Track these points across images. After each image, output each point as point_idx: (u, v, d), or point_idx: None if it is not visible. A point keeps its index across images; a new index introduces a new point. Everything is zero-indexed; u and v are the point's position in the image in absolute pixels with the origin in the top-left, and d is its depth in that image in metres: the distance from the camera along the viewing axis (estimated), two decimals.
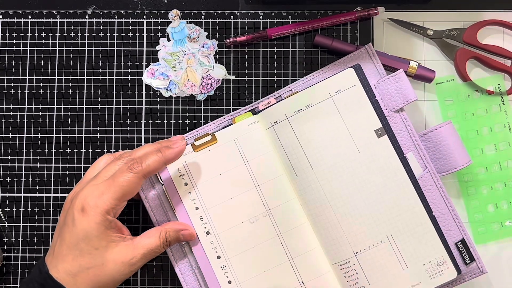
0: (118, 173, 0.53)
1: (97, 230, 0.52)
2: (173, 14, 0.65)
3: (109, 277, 0.53)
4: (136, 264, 0.54)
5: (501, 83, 0.65)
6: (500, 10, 0.65)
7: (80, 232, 0.52)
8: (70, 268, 0.52)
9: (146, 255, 0.54)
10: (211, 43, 0.65)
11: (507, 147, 0.64)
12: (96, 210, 0.52)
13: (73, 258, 0.52)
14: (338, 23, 0.65)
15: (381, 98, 0.60)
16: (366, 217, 0.58)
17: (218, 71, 0.65)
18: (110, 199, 0.52)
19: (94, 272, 0.52)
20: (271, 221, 0.59)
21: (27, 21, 0.65)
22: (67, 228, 0.53)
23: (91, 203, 0.52)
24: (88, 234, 0.52)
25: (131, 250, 0.54)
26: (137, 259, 0.54)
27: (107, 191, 0.53)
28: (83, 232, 0.52)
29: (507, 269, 0.64)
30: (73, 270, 0.52)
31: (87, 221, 0.52)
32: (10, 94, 0.65)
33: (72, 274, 0.52)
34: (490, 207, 0.64)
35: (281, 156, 0.60)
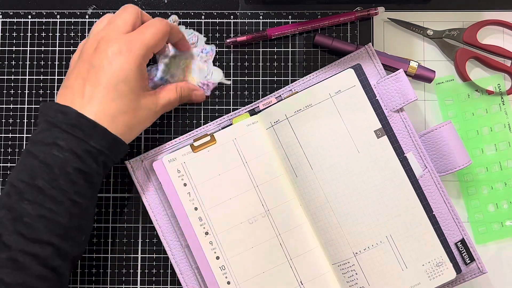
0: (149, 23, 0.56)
1: (136, 72, 0.53)
2: (172, 19, 0.65)
3: (140, 122, 0.56)
4: (158, 113, 0.58)
5: (501, 83, 0.65)
6: (500, 10, 0.65)
7: (120, 73, 0.53)
8: (108, 110, 0.53)
9: (166, 106, 0.59)
10: (210, 48, 0.65)
11: (507, 147, 0.64)
12: (134, 53, 0.53)
13: (112, 100, 0.53)
14: (338, 23, 0.65)
15: (381, 98, 0.60)
16: (365, 218, 0.58)
17: (216, 75, 0.65)
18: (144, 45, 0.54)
19: (129, 115, 0.54)
20: (270, 222, 0.59)
21: (27, 21, 0.65)
22: (101, 71, 0.53)
23: (128, 46, 0.53)
24: (128, 75, 0.53)
25: (155, 99, 0.57)
26: (159, 107, 0.58)
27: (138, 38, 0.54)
28: (124, 72, 0.53)
29: (507, 269, 0.64)
30: (112, 112, 0.53)
31: (127, 62, 0.53)
32: (10, 94, 0.65)
33: (111, 116, 0.53)
34: (490, 207, 0.64)
35: (280, 156, 0.60)
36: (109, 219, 0.64)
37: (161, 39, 0.56)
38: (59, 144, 0.51)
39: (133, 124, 0.55)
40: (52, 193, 0.50)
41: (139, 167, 0.62)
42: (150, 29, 0.55)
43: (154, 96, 0.57)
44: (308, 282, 0.59)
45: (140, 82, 0.54)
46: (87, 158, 0.52)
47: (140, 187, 0.62)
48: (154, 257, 0.64)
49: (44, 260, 0.50)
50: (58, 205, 0.51)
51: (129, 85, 0.53)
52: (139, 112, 0.55)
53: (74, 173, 0.51)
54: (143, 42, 0.54)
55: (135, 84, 0.54)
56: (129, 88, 0.53)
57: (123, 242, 0.64)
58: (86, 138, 0.52)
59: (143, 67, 0.55)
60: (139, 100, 0.55)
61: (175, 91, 0.60)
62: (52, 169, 0.51)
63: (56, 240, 0.51)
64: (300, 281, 0.59)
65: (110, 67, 0.53)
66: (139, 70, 0.54)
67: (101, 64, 0.53)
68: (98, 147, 0.52)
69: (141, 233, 0.64)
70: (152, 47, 0.55)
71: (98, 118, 0.52)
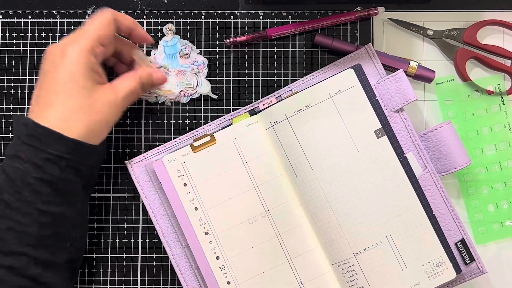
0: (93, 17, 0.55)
1: (82, 68, 0.52)
2: (168, 28, 0.65)
3: (100, 117, 0.54)
4: (121, 105, 0.55)
5: (501, 83, 0.65)
6: (500, 10, 0.65)
7: (65, 73, 0.52)
8: (60, 114, 0.52)
9: (128, 96, 0.56)
10: (202, 61, 0.65)
11: (507, 147, 0.64)
12: (77, 49, 0.52)
13: (62, 101, 0.52)
14: (338, 23, 0.65)
15: (381, 98, 0.60)
16: (365, 218, 0.58)
17: (204, 88, 0.65)
18: (88, 39, 0.53)
19: (85, 112, 0.52)
20: (270, 222, 0.59)
21: (27, 21, 0.65)
22: (49, 75, 0.53)
23: (72, 45, 0.53)
24: (74, 73, 0.52)
25: (113, 91, 0.55)
26: (120, 99, 0.55)
27: (82, 34, 0.54)
28: (68, 72, 0.52)
29: (507, 269, 0.64)
30: (64, 114, 0.52)
31: (70, 61, 0.52)
32: (10, 94, 0.65)
33: (64, 118, 0.52)
34: (490, 207, 0.64)
35: (280, 156, 0.60)
36: (109, 219, 0.64)
37: (104, 30, 0.54)
38: (20, 156, 0.51)
39: (93, 122, 0.53)
40: (17, 205, 0.51)
41: (139, 167, 0.62)
42: (92, 22, 0.55)
43: (111, 89, 0.55)
44: (308, 282, 0.59)
45: (90, 77, 0.53)
46: (47, 166, 0.51)
47: (140, 187, 0.62)
48: (154, 257, 0.64)
49: (20, 270, 0.51)
50: (25, 216, 0.51)
51: (77, 83, 0.52)
52: (97, 106, 0.53)
53: (36, 183, 0.51)
54: (86, 37, 0.53)
55: (83, 80, 0.52)
56: (78, 86, 0.52)
57: (123, 242, 0.64)
58: (44, 147, 0.51)
59: (91, 62, 0.53)
60: (92, 95, 0.53)
61: (134, 79, 0.57)
62: (14, 182, 0.51)
63: (28, 249, 0.51)
64: (300, 281, 0.59)
65: (56, 70, 0.52)
66: (85, 66, 0.53)
67: (48, 70, 0.53)
68: (56, 153, 0.51)
69: (141, 233, 0.64)
70: (97, 39, 0.54)
71: (54, 124, 0.51)
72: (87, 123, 0.53)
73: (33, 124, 0.51)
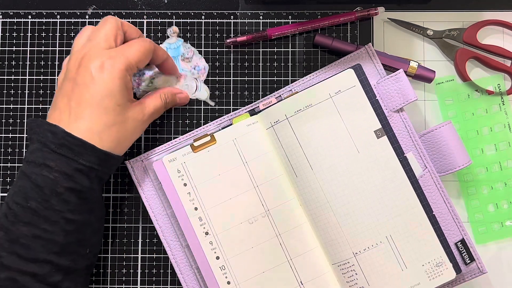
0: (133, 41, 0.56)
1: (119, 86, 0.53)
2: (172, 30, 0.65)
3: (129, 133, 0.56)
4: (146, 122, 0.58)
5: (501, 83, 0.65)
6: (500, 10, 0.65)
7: (103, 89, 0.53)
8: (95, 127, 0.53)
9: (152, 114, 0.58)
10: (203, 66, 0.65)
11: (507, 147, 0.64)
12: (117, 66, 0.53)
13: (98, 117, 0.53)
14: (338, 23, 0.65)
15: (381, 98, 0.60)
16: (365, 218, 0.58)
17: (202, 93, 0.65)
18: (127, 59, 0.54)
19: (117, 129, 0.54)
20: (270, 222, 0.59)
21: (27, 21, 0.65)
22: (85, 88, 0.53)
23: (111, 61, 0.53)
24: (112, 90, 0.53)
25: (141, 109, 0.57)
26: (146, 117, 0.57)
27: (122, 53, 0.54)
28: (107, 88, 0.53)
29: (507, 269, 0.64)
30: (98, 128, 0.53)
31: (109, 77, 0.53)
32: (10, 94, 0.65)
33: (97, 132, 0.53)
34: (490, 207, 0.64)
35: (280, 156, 0.60)
36: (109, 219, 0.64)
37: (144, 56, 0.56)
38: (49, 165, 0.51)
39: (122, 137, 0.55)
40: (45, 213, 0.51)
41: (139, 167, 0.62)
42: (134, 46, 0.55)
43: (140, 106, 0.57)
44: (308, 282, 0.59)
45: (125, 95, 0.54)
46: (78, 176, 0.52)
47: (140, 187, 0.62)
48: (154, 257, 0.64)
49: (43, 277, 0.52)
50: (53, 225, 0.52)
51: (114, 99, 0.53)
52: (127, 124, 0.55)
53: (66, 192, 0.52)
54: (126, 57, 0.54)
55: (119, 98, 0.53)
56: (114, 103, 0.53)
57: (123, 242, 0.64)
58: (76, 157, 0.52)
59: (126, 80, 0.54)
60: (125, 113, 0.55)
61: (160, 98, 0.59)
62: (43, 190, 0.51)
63: (53, 257, 0.52)
64: (300, 281, 0.59)
65: (94, 83, 0.53)
66: (122, 83, 0.54)
67: (84, 81, 0.53)
68: (88, 164, 0.52)
69: (141, 233, 0.64)
70: (135, 64, 0.55)
71: (85, 135, 0.52)
72: (118, 139, 0.54)
73: (64, 133, 0.52)
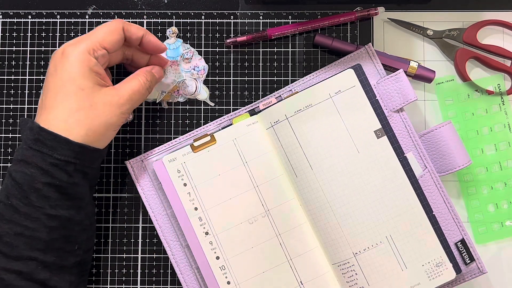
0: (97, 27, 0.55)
1: (80, 68, 0.52)
2: (171, 30, 0.65)
3: (101, 119, 0.52)
4: (124, 105, 0.54)
5: (501, 83, 0.65)
6: (500, 10, 0.65)
7: (64, 74, 0.52)
8: (60, 114, 0.51)
9: (131, 96, 0.55)
10: (202, 67, 0.65)
11: (507, 147, 0.64)
12: (77, 50, 0.52)
13: (61, 103, 0.51)
14: (338, 23, 0.65)
15: (381, 98, 0.60)
16: (365, 218, 0.58)
17: (202, 94, 0.65)
18: (90, 41, 0.53)
19: (85, 114, 0.52)
20: (270, 222, 0.59)
21: (27, 21, 0.65)
22: (50, 77, 0.53)
23: (71, 47, 0.52)
24: (72, 73, 0.52)
25: (116, 93, 0.54)
26: (124, 99, 0.54)
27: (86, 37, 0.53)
28: (67, 73, 0.52)
29: (507, 269, 0.64)
30: (63, 115, 0.51)
31: (69, 62, 0.52)
32: (10, 94, 0.65)
33: (63, 119, 0.51)
34: (490, 207, 0.64)
35: (280, 156, 0.60)
36: (109, 219, 0.64)
37: (110, 35, 0.54)
38: (26, 161, 0.51)
39: (93, 123, 0.52)
40: (25, 210, 0.51)
41: (139, 167, 0.62)
42: (99, 28, 0.54)
43: (114, 90, 0.54)
44: (308, 282, 0.59)
45: (89, 78, 0.52)
46: (54, 171, 0.51)
47: (140, 187, 0.62)
48: (154, 257, 0.64)
49: (29, 275, 0.51)
50: (34, 221, 0.51)
51: (75, 83, 0.52)
52: (97, 108, 0.52)
53: (44, 188, 0.51)
54: (89, 40, 0.53)
55: (82, 81, 0.52)
56: (76, 86, 0.52)
57: (123, 242, 0.64)
58: (50, 151, 0.51)
59: (90, 62, 0.52)
60: (93, 96, 0.52)
61: (137, 79, 0.56)
62: (22, 187, 0.51)
63: (37, 254, 0.51)
64: (300, 281, 0.59)
65: (56, 70, 0.52)
66: (84, 66, 0.52)
67: (50, 72, 0.53)
68: (63, 158, 0.51)
69: (141, 233, 0.64)
70: (99, 44, 0.53)
71: (53, 125, 0.51)
72: (88, 125, 0.52)
73: (38, 128, 0.51)
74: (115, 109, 0.53)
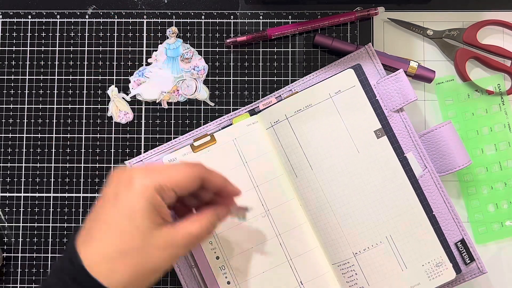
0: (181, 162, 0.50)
1: (144, 205, 0.45)
2: (171, 30, 0.65)
3: (150, 264, 0.46)
4: (179, 251, 0.47)
5: (501, 83, 0.65)
6: (500, 10, 0.65)
7: (124, 207, 0.45)
8: (107, 252, 0.45)
9: (190, 241, 0.48)
10: (202, 67, 0.65)
11: (507, 147, 0.64)
12: (145, 183, 0.46)
13: (111, 239, 0.45)
14: (338, 23, 0.65)
15: (381, 98, 0.60)
16: (365, 218, 0.58)
17: (202, 94, 0.65)
18: (162, 178, 0.46)
19: (134, 256, 0.45)
20: (270, 222, 0.59)
21: (27, 21, 0.65)
22: (108, 205, 0.46)
23: (140, 177, 0.46)
24: (133, 210, 0.45)
25: (173, 236, 0.47)
26: (181, 245, 0.47)
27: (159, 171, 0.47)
28: (127, 207, 0.45)
29: (507, 269, 0.64)
30: (112, 254, 0.45)
31: (133, 195, 0.45)
32: (10, 94, 0.65)
33: (110, 258, 0.45)
34: (490, 207, 0.64)
35: (280, 156, 0.60)
36: None
37: (185, 181, 0.47)
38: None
39: (142, 267, 0.46)
40: None
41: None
42: (177, 167, 0.48)
43: (172, 231, 0.47)
44: (308, 282, 0.59)
45: (150, 217, 0.46)
46: None
47: None
48: None
49: None
50: None
51: (134, 222, 0.45)
52: (149, 251, 0.46)
53: None
54: (161, 176, 0.46)
55: (141, 220, 0.45)
56: (132, 226, 0.45)
57: None
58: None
59: (156, 201, 0.46)
60: (147, 237, 0.46)
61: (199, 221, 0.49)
62: None
63: None
64: (300, 281, 0.59)
65: (116, 199, 0.46)
66: (149, 205, 0.45)
67: (108, 197, 0.47)
68: None
69: None
70: (171, 186, 0.46)
71: (96, 263, 0.45)
72: (134, 270, 0.45)
73: (79, 266, 0.45)
74: (168, 254, 0.47)
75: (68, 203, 0.64)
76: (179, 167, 0.48)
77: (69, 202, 0.64)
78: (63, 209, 0.64)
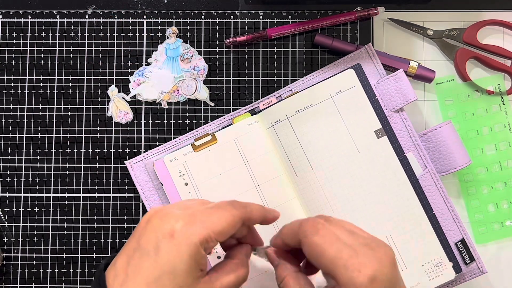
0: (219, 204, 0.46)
1: (187, 264, 0.42)
2: (171, 30, 0.65)
3: None
4: None
5: (501, 83, 0.65)
6: (500, 10, 0.65)
7: (166, 264, 0.42)
8: None
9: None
10: (202, 67, 0.65)
11: (507, 147, 0.64)
12: (189, 238, 0.42)
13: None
14: (338, 23, 0.65)
15: (381, 98, 0.60)
16: (365, 218, 0.58)
17: (202, 94, 0.65)
18: (205, 230, 0.43)
19: None
20: None
21: (27, 21, 0.65)
22: (147, 257, 0.43)
23: (183, 230, 0.43)
24: (176, 268, 0.42)
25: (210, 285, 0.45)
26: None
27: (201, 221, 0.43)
28: (170, 264, 0.42)
29: (507, 269, 0.64)
30: None
31: (177, 252, 0.42)
32: (10, 94, 0.65)
33: None
34: (490, 207, 0.64)
35: (281, 156, 0.60)
36: (109, 219, 0.64)
37: (229, 228, 0.44)
38: None
39: None
40: None
41: (139, 167, 0.62)
42: (220, 213, 0.45)
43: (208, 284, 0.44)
44: None
45: (192, 274, 0.43)
46: None
47: (140, 187, 0.61)
48: None
49: None
50: None
51: (176, 279, 0.42)
52: None
53: None
54: (205, 228, 0.43)
55: (183, 277, 0.42)
56: (175, 283, 0.42)
57: (123, 242, 0.63)
58: None
59: (198, 256, 0.43)
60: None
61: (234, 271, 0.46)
62: None
63: None
64: None
65: (156, 253, 0.42)
66: (192, 261, 0.42)
67: (147, 247, 0.43)
68: None
69: None
70: (215, 236, 0.43)
71: None
72: None
73: None
74: None
75: (68, 203, 0.64)
76: (222, 213, 0.45)
77: (69, 202, 0.64)
78: (63, 209, 0.64)
